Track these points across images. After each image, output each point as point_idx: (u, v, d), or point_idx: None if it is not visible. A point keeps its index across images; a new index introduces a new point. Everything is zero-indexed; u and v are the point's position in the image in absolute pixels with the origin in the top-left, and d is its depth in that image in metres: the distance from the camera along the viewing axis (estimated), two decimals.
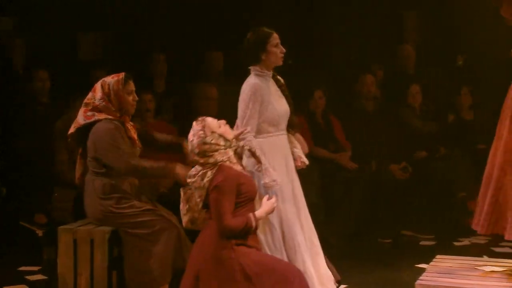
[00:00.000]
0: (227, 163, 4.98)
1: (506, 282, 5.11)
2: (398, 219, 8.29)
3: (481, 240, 7.87)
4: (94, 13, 9.07)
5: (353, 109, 8.64)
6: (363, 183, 8.16)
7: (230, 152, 5.01)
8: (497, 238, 7.34)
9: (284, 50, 5.41)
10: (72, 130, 5.77)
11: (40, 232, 7.21)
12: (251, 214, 4.91)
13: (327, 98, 8.34)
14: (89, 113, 5.68)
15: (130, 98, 5.72)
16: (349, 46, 9.41)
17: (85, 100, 5.73)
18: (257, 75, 5.39)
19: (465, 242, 7.92)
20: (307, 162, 5.58)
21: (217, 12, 9.27)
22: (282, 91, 5.51)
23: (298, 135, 5.70)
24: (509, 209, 5.14)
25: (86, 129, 5.70)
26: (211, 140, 4.95)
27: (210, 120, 5.04)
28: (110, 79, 5.70)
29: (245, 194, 4.95)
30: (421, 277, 5.21)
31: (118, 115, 5.67)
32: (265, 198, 5.09)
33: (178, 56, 8.85)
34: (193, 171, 5.02)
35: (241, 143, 5.17)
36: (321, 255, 5.59)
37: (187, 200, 5.07)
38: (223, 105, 7.78)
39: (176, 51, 8.90)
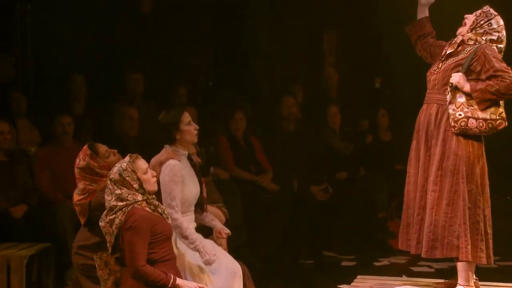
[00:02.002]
0: (135, 205, 4.91)
1: None
2: (319, 240, 8.33)
3: (400, 260, 7.97)
4: (9, 33, 8.87)
5: (274, 130, 8.67)
6: (285, 205, 8.18)
7: (139, 197, 4.93)
8: (416, 258, 7.45)
9: (197, 126, 5.31)
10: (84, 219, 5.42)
11: None
12: (172, 276, 4.83)
13: (248, 119, 8.35)
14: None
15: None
16: (270, 67, 9.46)
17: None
18: (174, 153, 5.28)
19: (385, 262, 8.01)
20: (229, 232, 5.54)
21: (138, 33, 9.20)
22: (195, 171, 5.42)
23: (212, 208, 5.69)
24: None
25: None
26: (127, 176, 4.90)
27: (140, 162, 4.98)
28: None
29: (161, 233, 4.89)
30: None
31: None
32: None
33: (97, 77, 8.74)
34: (104, 213, 4.94)
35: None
36: None
37: (106, 264, 4.99)
38: (144, 126, 7.72)
39: (95, 72, 8.80)
